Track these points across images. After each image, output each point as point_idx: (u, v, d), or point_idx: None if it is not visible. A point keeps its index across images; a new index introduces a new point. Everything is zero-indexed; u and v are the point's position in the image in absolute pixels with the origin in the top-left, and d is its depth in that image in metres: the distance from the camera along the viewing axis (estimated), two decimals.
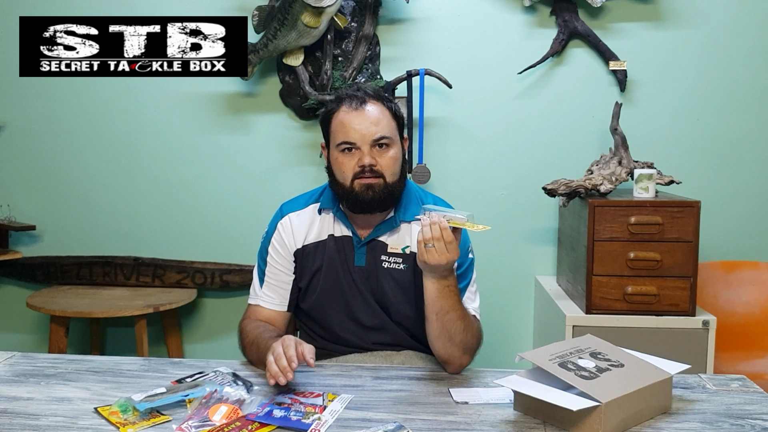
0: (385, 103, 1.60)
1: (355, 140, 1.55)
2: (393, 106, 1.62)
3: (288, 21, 2.51)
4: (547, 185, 2.32)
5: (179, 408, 1.30)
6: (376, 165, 1.55)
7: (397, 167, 1.58)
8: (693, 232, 2.20)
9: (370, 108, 1.57)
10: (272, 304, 1.67)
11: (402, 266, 1.62)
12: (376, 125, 1.55)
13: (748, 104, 2.65)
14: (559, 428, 1.22)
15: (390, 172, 1.57)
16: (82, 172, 2.88)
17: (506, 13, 2.66)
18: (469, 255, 1.68)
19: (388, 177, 1.56)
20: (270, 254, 1.68)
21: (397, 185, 1.59)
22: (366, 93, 1.59)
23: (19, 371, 1.49)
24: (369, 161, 1.54)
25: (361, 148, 1.55)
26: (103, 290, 2.79)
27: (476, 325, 1.56)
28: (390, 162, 1.57)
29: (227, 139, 2.80)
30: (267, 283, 1.67)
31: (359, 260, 1.63)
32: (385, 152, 1.56)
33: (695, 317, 2.21)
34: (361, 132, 1.55)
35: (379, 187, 1.56)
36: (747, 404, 1.34)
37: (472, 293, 1.65)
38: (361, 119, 1.56)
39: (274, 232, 1.68)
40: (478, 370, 1.55)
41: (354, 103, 1.57)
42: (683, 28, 2.63)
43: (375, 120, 1.56)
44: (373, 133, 1.55)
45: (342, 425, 1.24)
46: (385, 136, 1.56)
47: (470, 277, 1.66)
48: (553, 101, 2.68)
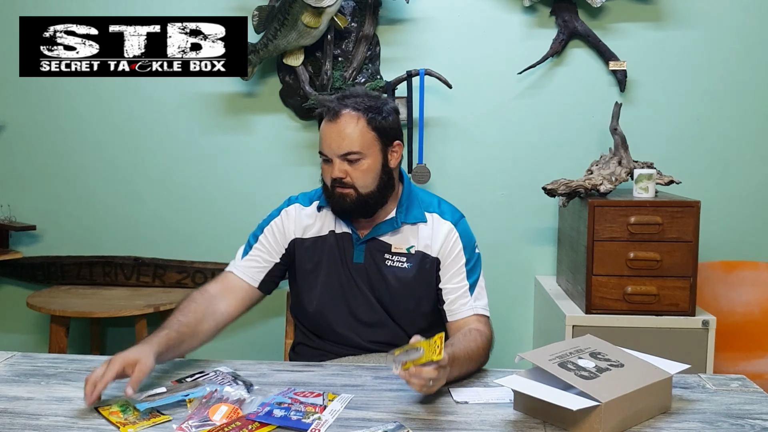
0: (364, 113, 1.57)
1: (327, 153, 1.59)
2: (373, 116, 1.58)
3: (288, 21, 2.51)
4: (547, 185, 2.32)
5: (179, 408, 1.30)
6: (345, 177, 1.58)
7: (369, 178, 1.59)
8: (693, 232, 2.20)
9: (343, 121, 1.57)
10: (246, 276, 1.68)
11: (406, 265, 1.64)
12: (344, 139, 1.56)
13: (748, 104, 2.65)
14: (559, 428, 1.22)
15: (361, 183, 1.58)
16: (82, 172, 2.88)
17: (506, 13, 2.66)
18: (476, 250, 1.69)
19: (360, 188, 1.58)
20: (264, 233, 1.71)
21: (374, 194, 1.60)
22: (343, 104, 1.58)
23: (20, 371, 1.49)
24: (337, 174, 1.58)
25: (333, 160, 1.58)
26: (104, 290, 2.79)
27: (482, 340, 1.54)
28: (360, 175, 1.58)
29: (227, 139, 2.80)
30: (249, 257, 1.70)
31: (358, 257, 1.65)
32: (356, 165, 1.58)
33: (695, 317, 2.21)
34: (331, 146, 1.58)
35: (351, 198, 1.59)
36: (747, 404, 1.34)
37: (481, 289, 1.66)
38: (332, 132, 1.57)
39: (277, 216, 1.71)
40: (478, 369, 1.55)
41: (329, 115, 1.59)
42: (683, 28, 2.63)
43: (345, 134, 1.56)
44: (341, 149, 1.57)
45: (342, 425, 1.24)
46: (352, 152, 1.57)
47: (478, 273, 1.67)
48: (553, 101, 2.69)
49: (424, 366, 1.25)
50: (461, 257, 1.64)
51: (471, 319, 1.61)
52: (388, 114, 1.62)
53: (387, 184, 1.62)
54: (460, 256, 1.64)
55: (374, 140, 1.59)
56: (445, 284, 1.64)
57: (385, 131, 1.61)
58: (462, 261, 1.64)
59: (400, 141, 1.65)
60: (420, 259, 1.64)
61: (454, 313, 1.63)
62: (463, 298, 1.63)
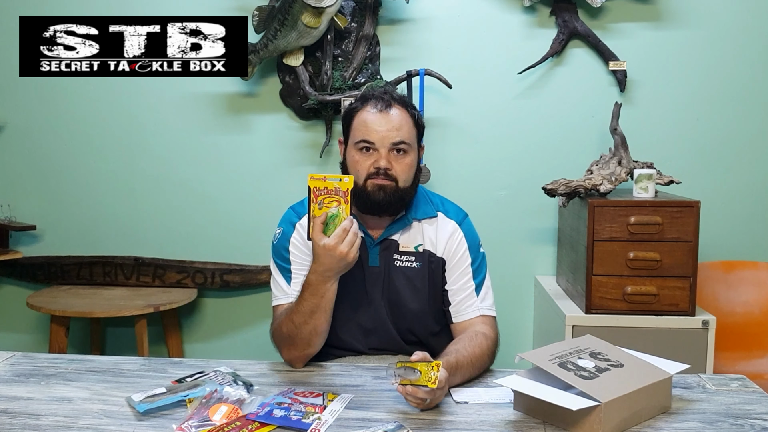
0: (409, 110, 1.62)
1: (375, 141, 1.57)
2: (416, 114, 1.64)
3: (288, 21, 2.51)
4: (547, 185, 2.32)
5: (179, 408, 1.30)
6: (391, 169, 1.57)
7: (410, 174, 1.60)
8: (693, 232, 2.20)
9: (395, 112, 1.59)
10: None
11: (415, 264, 1.63)
12: (397, 130, 1.57)
13: (748, 104, 2.65)
14: (558, 428, 1.22)
15: (404, 177, 1.58)
16: (82, 172, 2.88)
17: (506, 14, 2.66)
18: (481, 250, 1.68)
19: (401, 182, 1.58)
20: (292, 252, 1.64)
21: (409, 191, 1.61)
22: (393, 97, 1.61)
23: (20, 371, 1.49)
24: (384, 164, 1.56)
25: (379, 149, 1.57)
26: (104, 290, 2.79)
27: (488, 344, 1.53)
28: (405, 168, 1.59)
29: (227, 139, 2.80)
30: (295, 281, 1.61)
31: (373, 260, 1.63)
32: (402, 158, 1.58)
33: (695, 317, 2.21)
34: (382, 134, 1.57)
35: (391, 190, 1.57)
36: (747, 404, 1.34)
37: (487, 289, 1.65)
38: (384, 121, 1.57)
39: (293, 231, 1.65)
40: None
41: (380, 105, 1.59)
42: (683, 28, 2.63)
43: (398, 125, 1.57)
44: (393, 137, 1.57)
45: (342, 425, 1.24)
46: (404, 142, 1.58)
47: (484, 273, 1.66)
48: (553, 101, 2.69)
49: (420, 387, 1.26)
50: (467, 257, 1.64)
51: (476, 321, 1.60)
52: (421, 116, 1.67)
53: (416, 183, 1.64)
54: (465, 256, 1.64)
55: (416, 137, 1.63)
56: (451, 285, 1.63)
57: (421, 130, 1.66)
58: (468, 261, 1.63)
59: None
60: (427, 257, 1.63)
61: (459, 315, 1.62)
62: (469, 299, 1.62)
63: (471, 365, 1.45)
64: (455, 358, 1.41)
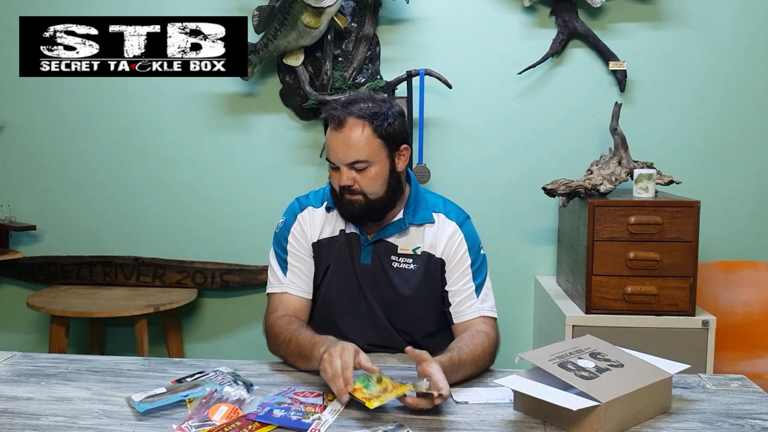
0: (369, 121, 1.56)
1: (335, 161, 1.58)
2: (381, 123, 1.56)
3: (288, 21, 2.51)
4: (547, 185, 2.32)
5: (179, 408, 1.30)
6: (353, 185, 1.57)
7: (377, 185, 1.58)
8: (693, 232, 2.20)
9: (348, 130, 1.56)
10: (299, 291, 1.66)
11: (413, 266, 1.64)
12: (351, 148, 1.55)
13: (748, 104, 2.65)
14: (559, 428, 1.22)
15: (370, 190, 1.58)
16: (82, 172, 2.88)
17: (506, 13, 2.66)
18: (481, 252, 1.68)
19: (369, 195, 1.58)
20: (290, 243, 1.67)
21: (383, 199, 1.60)
22: (348, 111, 1.56)
23: (20, 371, 1.49)
24: (345, 182, 1.57)
25: (341, 168, 1.58)
26: (104, 290, 2.79)
27: (489, 343, 1.54)
28: (369, 181, 1.57)
29: (227, 139, 2.80)
30: (291, 271, 1.66)
31: (365, 258, 1.64)
32: (364, 173, 1.57)
33: (695, 317, 2.21)
34: (338, 155, 1.57)
35: (360, 204, 1.58)
36: (747, 404, 1.34)
37: (487, 291, 1.66)
38: (339, 141, 1.56)
39: (294, 222, 1.69)
40: None
41: (334, 123, 1.58)
42: (683, 28, 2.63)
43: (351, 143, 1.55)
44: (348, 158, 1.56)
45: (342, 425, 1.24)
46: (359, 160, 1.56)
47: (484, 274, 1.67)
48: (553, 101, 2.69)
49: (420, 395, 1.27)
50: (466, 258, 1.64)
51: (477, 321, 1.61)
52: (394, 119, 1.59)
53: (395, 188, 1.62)
54: (465, 258, 1.64)
55: (381, 147, 1.57)
56: (450, 286, 1.64)
57: (392, 137, 1.59)
58: (468, 262, 1.64)
59: (407, 144, 1.65)
60: (426, 259, 1.64)
61: (460, 315, 1.63)
62: (469, 300, 1.62)
63: (473, 363, 1.46)
64: (458, 354, 1.42)
